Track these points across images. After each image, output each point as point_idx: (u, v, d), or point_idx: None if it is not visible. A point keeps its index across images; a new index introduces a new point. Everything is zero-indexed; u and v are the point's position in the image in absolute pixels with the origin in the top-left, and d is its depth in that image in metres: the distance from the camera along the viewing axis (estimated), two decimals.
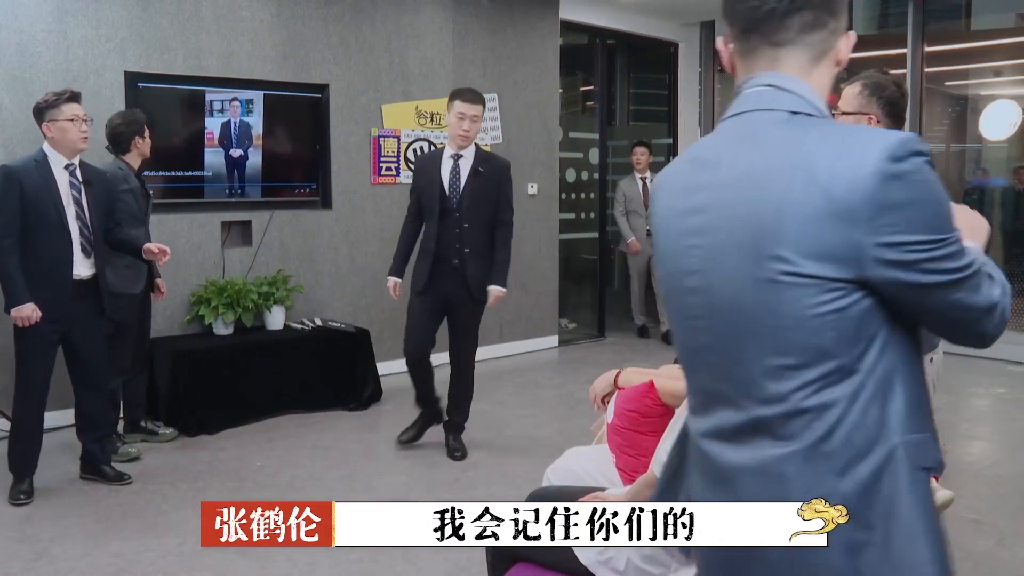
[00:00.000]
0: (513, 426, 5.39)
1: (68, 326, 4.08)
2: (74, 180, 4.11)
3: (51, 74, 5.02)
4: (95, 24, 5.18)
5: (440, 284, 4.54)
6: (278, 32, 5.93)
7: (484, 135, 7.11)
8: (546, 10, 7.48)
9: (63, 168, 4.08)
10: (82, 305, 4.11)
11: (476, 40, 7.04)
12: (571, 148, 8.36)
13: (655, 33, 8.63)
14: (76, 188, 4.11)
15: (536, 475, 3.05)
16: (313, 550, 3.57)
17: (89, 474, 4.34)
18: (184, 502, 4.11)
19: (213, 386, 5.23)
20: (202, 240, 5.71)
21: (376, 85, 6.44)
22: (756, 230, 1.25)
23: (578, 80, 8.96)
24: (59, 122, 4.03)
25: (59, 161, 4.07)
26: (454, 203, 4.54)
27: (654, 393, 2.70)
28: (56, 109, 4.03)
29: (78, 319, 4.10)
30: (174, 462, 4.66)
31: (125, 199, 4.58)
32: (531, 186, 7.49)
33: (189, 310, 5.57)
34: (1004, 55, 8.33)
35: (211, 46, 5.63)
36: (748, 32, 1.36)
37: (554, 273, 7.78)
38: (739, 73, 1.41)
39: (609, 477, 2.74)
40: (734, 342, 1.31)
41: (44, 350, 4.07)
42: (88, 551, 3.57)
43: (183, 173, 5.56)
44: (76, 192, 4.10)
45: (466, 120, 4.47)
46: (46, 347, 4.07)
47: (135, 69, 5.29)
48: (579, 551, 2.22)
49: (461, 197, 4.54)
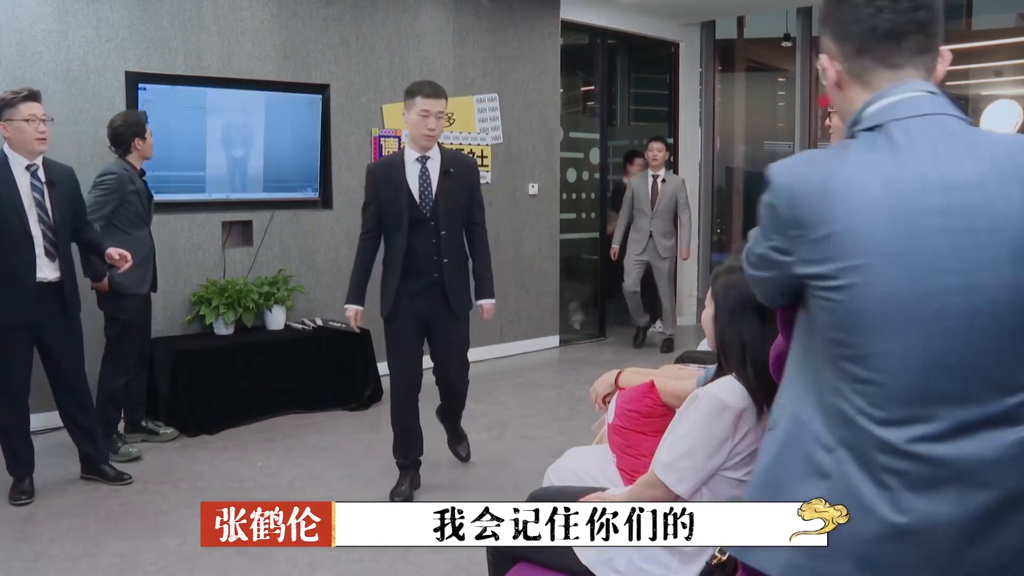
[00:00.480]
0: (513, 426, 5.39)
1: (37, 329, 4.03)
2: (36, 182, 3.98)
3: (51, 74, 5.02)
4: (96, 24, 5.18)
5: (414, 304, 4.01)
6: (278, 32, 5.93)
7: (485, 135, 7.12)
8: (546, 10, 7.48)
9: (24, 169, 3.95)
10: (50, 307, 4.04)
11: (476, 40, 7.04)
12: (572, 148, 8.36)
13: (656, 33, 8.63)
14: (38, 190, 3.99)
15: (536, 475, 3.05)
16: (313, 550, 3.58)
17: (90, 474, 4.33)
18: (184, 502, 4.11)
19: (214, 386, 5.23)
20: (203, 240, 5.71)
21: (376, 85, 6.44)
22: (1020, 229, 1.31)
23: (579, 80, 8.95)
24: (15, 122, 3.90)
25: (19, 162, 3.94)
26: (427, 211, 4.00)
27: (655, 393, 2.70)
28: (13, 108, 3.90)
29: (47, 322, 4.04)
30: (174, 462, 4.66)
31: (131, 200, 4.58)
32: (532, 186, 7.49)
33: (190, 310, 5.57)
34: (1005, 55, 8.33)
35: (212, 46, 5.63)
36: (862, 53, 1.44)
37: (554, 273, 7.78)
38: (852, 91, 1.48)
39: (610, 477, 2.74)
40: (996, 340, 1.32)
41: (16, 353, 4.00)
42: (88, 551, 3.57)
43: (184, 173, 5.55)
44: (38, 194, 3.98)
45: (431, 118, 3.91)
46: (18, 349, 4.00)
47: (136, 69, 5.29)
48: (580, 551, 2.21)
49: (435, 203, 4.01)
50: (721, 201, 9.40)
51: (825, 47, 1.51)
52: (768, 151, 9.73)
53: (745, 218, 9.50)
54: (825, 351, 1.40)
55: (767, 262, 1.46)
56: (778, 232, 1.42)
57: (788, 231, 1.40)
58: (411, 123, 3.98)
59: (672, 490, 2.10)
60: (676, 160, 8.91)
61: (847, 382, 1.37)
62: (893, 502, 1.35)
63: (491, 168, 7.18)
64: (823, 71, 1.52)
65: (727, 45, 9.33)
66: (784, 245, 1.41)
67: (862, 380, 1.36)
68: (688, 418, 2.09)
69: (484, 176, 7.13)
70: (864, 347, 1.35)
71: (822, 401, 1.41)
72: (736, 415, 2.03)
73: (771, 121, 9.82)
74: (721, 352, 2.15)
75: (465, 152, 7.00)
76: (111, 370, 4.68)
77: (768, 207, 1.44)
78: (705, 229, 9.11)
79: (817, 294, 1.39)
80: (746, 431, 2.04)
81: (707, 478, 2.08)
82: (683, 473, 2.08)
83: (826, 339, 1.40)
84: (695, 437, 2.06)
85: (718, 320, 2.14)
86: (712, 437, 2.04)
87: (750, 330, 2.09)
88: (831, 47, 1.49)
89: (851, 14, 1.45)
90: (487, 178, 7.14)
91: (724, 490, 2.09)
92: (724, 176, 9.42)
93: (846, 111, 1.51)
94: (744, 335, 2.09)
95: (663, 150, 7.59)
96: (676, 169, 8.90)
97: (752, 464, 2.02)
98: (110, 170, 4.58)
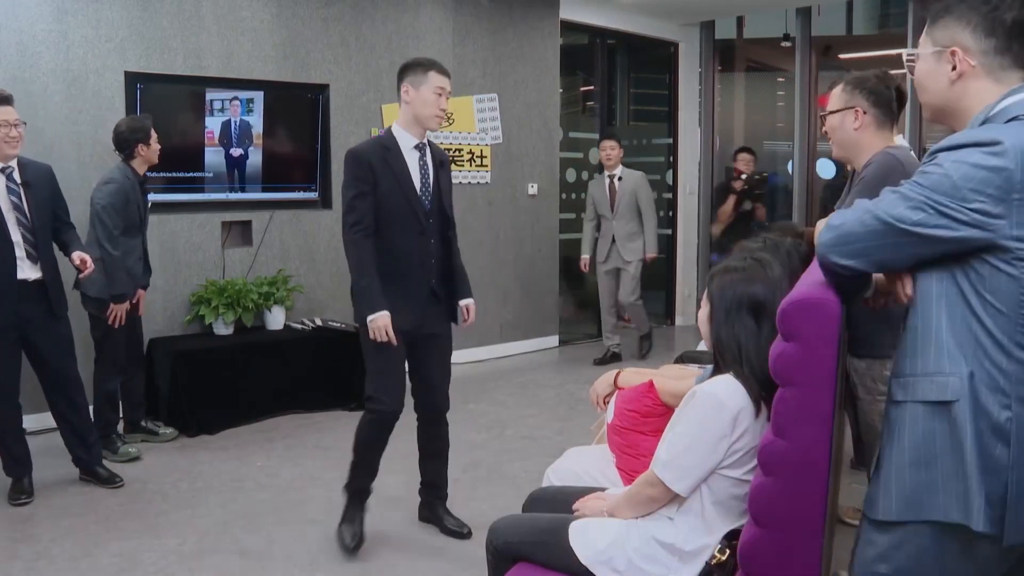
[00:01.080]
0: (513, 426, 5.39)
1: (22, 329, 4.01)
2: (11, 184, 3.95)
3: (51, 74, 5.02)
4: (95, 24, 5.18)
5: (409, 317, 3.47)
6: (278, 32, 5.93)
7: (484, 135, 7.12)
8: (546, 10, 7.48)
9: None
10: (35, 308, 4.02)
11: (476, 40, 7.04)
12: (571, 148, 8.37)
13: (655, 33, 8.63)
14: (15, 193, 3.95)
15: (536, 475, 3.05)
16: (314, 550, 3.58)
17: (86, 476, 4.32)
18: (184, 502, 4.11)
19: (213, 386, 5.23)
20: (202, 240, 5.71)
21: (376, 85, 6.44)
22: None
23: (578, 80, 8.96)
24: None
25: None
26: (427, 206, 3.52)
27: (654, 393, 2.70)
28: None
29: (34, 322, 4.02)
30: (174, 462, 4.66)
31: (129, 210, 4.56)
32: (531, 186, 7.49)
33: (189, 310, 5.57)
34: None
35: (211, 46, 5.63)
36: (1003, 52, 1.64)
37: (554, 273, 7.79)
38: (980, 83, 1.66)
39: (609, 477, 2.74)
40: None
41: (2, 353, 3.99)
42: (88, 551, 3.57)
43: (183, 174, 5.56)
44: (15, 197, 3.95)
45: (444, 96, 3.44)
46: (3, 350, 3.99)
47: (135, 69, 5.29)
48: (579, 550, 2.21)
49: (433, 199, 3.54)
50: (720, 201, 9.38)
51: (952, 37, 1.66)
52: (768, 151, 9.72)
53: None
54: (1013, 312, 1.52)
55: (956, 222, 1.53)
56: (998, 193, 1.50)
57: (1013, 194, 1.50)
58: (421, 101, 3.41)
59: (671, 488, 2.10)
60: (675, 160, 8.91)
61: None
62: None
63: (491, 168, 7.19)
64: (944, 58, 1.68)
65: (726, 45, 9.33)
66: (995, 209, 1.51)
67: None
68: (686, 416, 2.09)
69: (484, 176, 7.14)
70: None
71: (995, 361, 1.53)
72: (734, 413, 2.03)
73: (770, 121, 9.82)
74: (717, 351, 2.15)
75: (465, 152, 7.02)
76: (103, 371, 4.69)
77: (992, 169, 1.50)
78: (704, 229, 9.10)
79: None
80: (744, 429, 2.04)
81: (706, 476, 2.08)
82: (681, 471, 2.08)
83: (1018, 301, 1.52)
84: (693, 435, 2.07)
85: (714, 320, 2.15)
86: (710, 435, 2.04)
87: (745, 330, 2.10)
88: (964, 36, 1.65)
89: (992, 5, 1.62)
90: (487, 178, 7.15)
91: (723, 488, 2.09)
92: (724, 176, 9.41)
93: (958, 104, 1.69)
94: (739, 335, 2.10)
95: (616, 148, 6.98)
96: (675, 169, 8.91)
97: (751, 463, 2.03)
98: (112, 178, 4.55)
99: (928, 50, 1.72)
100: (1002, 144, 1.50)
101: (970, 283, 1.55)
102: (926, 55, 1.72)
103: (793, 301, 1.84)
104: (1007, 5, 1.62)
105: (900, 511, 1.62)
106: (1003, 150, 1.50)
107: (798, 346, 1.82)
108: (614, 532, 2.21)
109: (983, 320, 1.54)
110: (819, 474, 1.83)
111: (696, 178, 9.07)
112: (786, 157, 8.87)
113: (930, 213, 1.54)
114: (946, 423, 1.55)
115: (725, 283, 2.15)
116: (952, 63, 1.66)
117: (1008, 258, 1.51)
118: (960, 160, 1.53)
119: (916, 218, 1.55)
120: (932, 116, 1.79)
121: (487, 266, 7.19)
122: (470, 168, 7.05)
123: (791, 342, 1.84)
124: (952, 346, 1.57)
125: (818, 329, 1.79)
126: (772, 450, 1.88)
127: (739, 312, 2.11)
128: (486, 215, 7.14)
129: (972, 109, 1.67)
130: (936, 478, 1.56)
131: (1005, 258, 1.51)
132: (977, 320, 1.55)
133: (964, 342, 1.56)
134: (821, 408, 1.82)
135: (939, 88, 1.70)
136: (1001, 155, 1.49)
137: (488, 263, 7.20)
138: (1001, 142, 1.50)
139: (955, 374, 1.55)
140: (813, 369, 1.81)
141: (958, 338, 1.57)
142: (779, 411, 1.87)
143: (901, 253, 1.61)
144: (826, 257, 1.67)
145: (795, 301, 1.83)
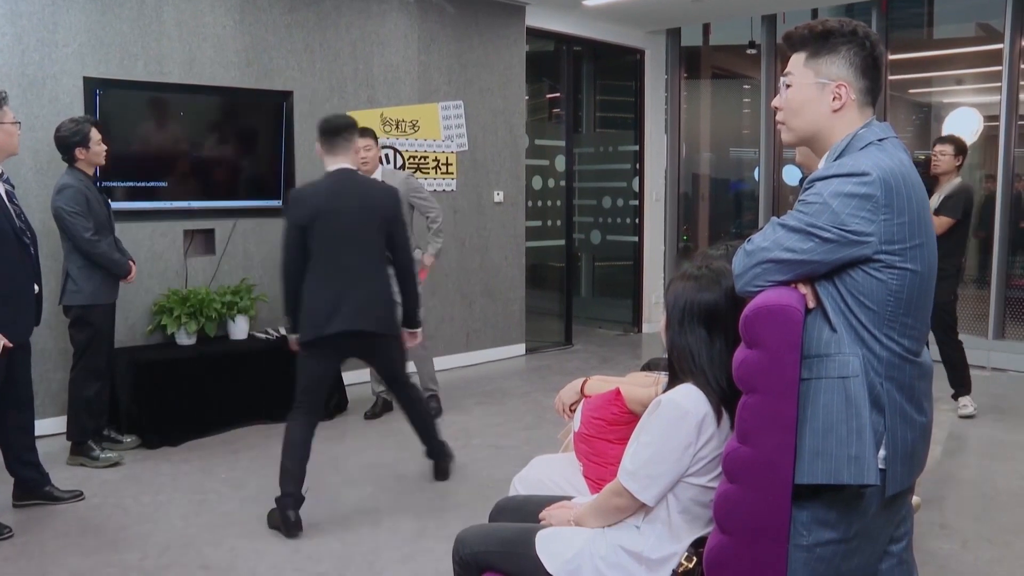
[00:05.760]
0: (480, 435, 5.36)
1: None
2: (9, 188, 3.88)
3: (5, 79, 4.91)
4: (51, 28, 5.08)
5: None
6: (241, 38, 5.87)
7: (450, 142, 7.09)
8: (512, 17, 7.48)
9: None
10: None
11: (442, 47, 7.02)
12: (537, 155, 8.37)
13: (621, 40, 8.67)
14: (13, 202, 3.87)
15: (503, 484, 3.03)
16: (278, 561, 3.53)
17: (30, 500, 4.10)
18: (146, 516, 4.03)
19: (176, 397, 5.15)
20: (164, 249, 5.62)
21: (341, 92, 6.39)
22: None
23: (544, 87, 8.98)
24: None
25: None
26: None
27: (620, 401, 2.69)
28: None
29: None
30: (135, 475, 4.58)
31: (94, 210, 4.51)
32: (497, 193, 7.48)
33: (151, 320, 5.48)
34: (965, 63, 8.46)
35: (173, 52, 5.55)
36: (868, 91, 1.91)
37: (520, 280, 7.77)
38: (852, 115, 1.90)
39: (576, 486, 2.73)
40: None
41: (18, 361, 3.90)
42: (44, 569, 3.48)
43: (144, 184, 5.46)
44: (15, 206, 3.87)
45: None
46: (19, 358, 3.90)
47: (94, 75, 5.20)
48: (546, 560, 2.20)
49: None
50: (687, 208, 9.44)
51: (839, 73, 1.88)
52: (734, 158, 9.80)
53: (711, 224, 9.56)
54: (881, 310, 1.80)
55: (839, 245, 1.77)
56: (869, 215, 1.76)
57: (880, 215, 1.76)
58: None
59: (637, 497, 2.09)
60: (642, 167, 8.94)
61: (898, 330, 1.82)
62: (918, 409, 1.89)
63: (456, 175, 7.16)
64: (828, 91, 1.88)
65: (692, 52, 9.39)
66: (868, 228, 1.76)
67: (911, 327, 1.84)
68: (651, 425, 2.09)
69: (449, 184, 7.12)
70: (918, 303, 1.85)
71: (870, 348, 1.81)
72: (698, 420, 2.03)
73: (736, 128, 9.90)
74: (671, 359, 2.15)
75: (431, 159, 6.98)
76: (82, 377, 4.62)
77: (864, 197, 1.75)
78: (671, 236, 9.15)
79: (893, 266, 1.79)
80: (709, 435, 2.03)
81: (672, 485, 2.07)
82: (647, 480, 2.07)
83: (885, 300, 1.80)
84: (658, 444, 2.06)
85: (669, 328, 2.16)
86: (675, 443, 2.04)
87: (696, 339, 2.10)
88: (849, 74, 1.88)
89: (868, 51, 1.88)
90: (452, 186, 7.12)
91: (689, 496, 2.08)
92: (690, 183, 9.47)
93: (831, 132, 1.91)
94: (691, 343, 2.10)
95: (371, 148, 5.37)
96: (641, 176, 8.93)
97: (716, 470, 2.02)
98: (66, 184, 4.47)
99: (810, 80, 1.91)
100: (870, 175, 1.76)
101: (846, 287, 1.81)
102: (806, 84, 1.91)
103: (756, 308, 1.83)
104: (877, 50, 1.90)
105: (811, 473, 1.81)
106: (872, 180, 1.75)
107: (762, 353, 1.82)
108: (581, 541, 2.20)
109: (859, 317, 1.80)
110: (783, 480, 1.83)
111: (662, 185, 9.11)
112: (752, 164, 8.94)
113: (816, 241, 1.78)
114: (843, 395, 1.80)
115: (678, 291, 2.15)
116: (837, 95, 1.88)
117: (878, 267, 1.78)
118: (836, 192, 1.77)
119: (806, 247, 1.80)
120: (797, 139, 1.99)
121: (453, 274, 7.16)
122: (435, 175, 7.02)
123: (754, 349, 1.83)
124: (844, 335, 1.82)
125: (781, 335, 1.79)
126: (736, 457, 1.88)
127: (690, 322, 2.11)
128: (452, 223, 7.11)
129: (837, 137, 1.90)
130: (832, 442, 1.80)
131: (876, 267, 1.79)
132: (855, 317, 1.81)
133: (850, 333, 1.82)
134: (785, 414, 1.81)
135: (816, 116, 1.92)
136: (870, 184, 1.75)
137: (454, 271, 7.17)
138: (869, 173, 1.76)
139: (854, 355, 1.81)
140: (777, 375, 1.81)
141: (847, 330, 1.82)
142: (743, 418, 1.86)
143: (799, 271, 1.84)
144: (740, 288, 1.92)
145: (758, 307, 1.83)
